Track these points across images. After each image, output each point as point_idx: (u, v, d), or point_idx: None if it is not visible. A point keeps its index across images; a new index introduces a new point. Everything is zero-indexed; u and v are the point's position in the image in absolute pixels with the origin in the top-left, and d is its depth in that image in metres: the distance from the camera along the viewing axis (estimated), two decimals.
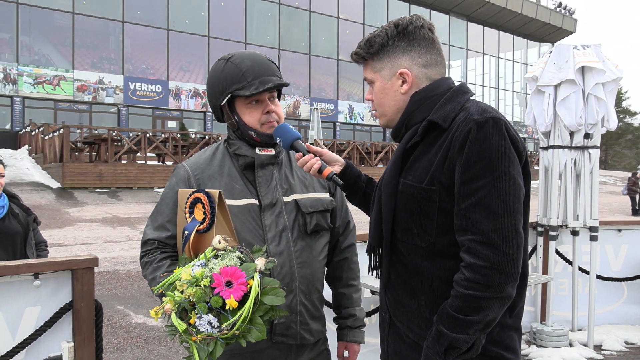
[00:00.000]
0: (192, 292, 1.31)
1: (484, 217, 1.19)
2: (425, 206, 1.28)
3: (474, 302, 1.18)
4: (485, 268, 1.17)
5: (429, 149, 1.31)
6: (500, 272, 1.17)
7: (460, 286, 1.20)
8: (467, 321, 1.19)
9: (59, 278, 2.28)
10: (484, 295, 1.18)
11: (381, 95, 1.40)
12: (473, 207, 1.20)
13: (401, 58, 1.36)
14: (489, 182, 1.19)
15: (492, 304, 1.19)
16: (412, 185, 1.31)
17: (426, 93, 1.35)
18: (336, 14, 33.15)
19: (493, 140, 1.20)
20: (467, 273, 1.19)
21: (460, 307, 1.19)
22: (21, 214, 2.95)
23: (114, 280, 6.85)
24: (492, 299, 1.18)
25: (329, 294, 1.92)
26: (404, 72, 1.35)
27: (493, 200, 1.19)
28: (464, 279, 1.20)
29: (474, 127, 1.21)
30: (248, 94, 1.59)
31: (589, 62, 3.98)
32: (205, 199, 1.48)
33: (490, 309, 1.19)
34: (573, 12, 44.08)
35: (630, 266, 4.71)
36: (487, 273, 1.17)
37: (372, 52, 1.38)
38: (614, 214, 17.47)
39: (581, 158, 4.22)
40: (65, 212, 12.97)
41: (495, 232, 1.18)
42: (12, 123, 23.51)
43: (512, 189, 1.20)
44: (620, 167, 50.65)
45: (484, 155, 1.19)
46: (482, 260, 1.18)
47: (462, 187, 1.22)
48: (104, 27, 26.61)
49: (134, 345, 4.60)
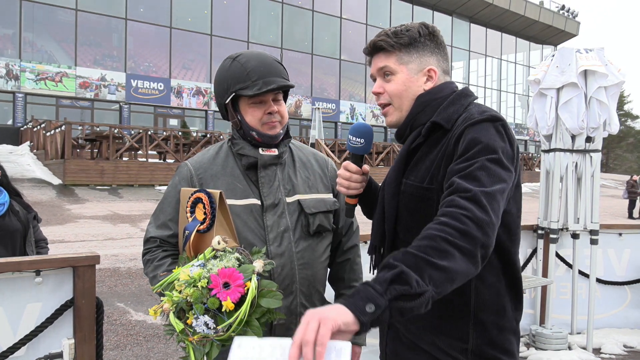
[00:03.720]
0: (190, 292, 1.31)
1: (470, 182, 1.14)
2: (425, 205, 1.29)
3: (440, 244, 1.04)
4: (465, 217, 1.08)
5: (431, 149, 1.32)
6: (479, 227, 1.07)
7: (429, 229, 1.08)
8: (425, 260, 1.02)
9: (60, 275, 2.29)
10: (454, 240, 1.05)
11: (403, 88, 1.38)
12: (461, 178, 1.16)
13: (430, 57, 1.38)
14: (481, 162, 1.16)
15: (456, 255, 1.04)
16: (413, 185, 1.32)
17: (431, 95, 1.37)
18: (339, 14, 33.13)
19: (490, 131, 1.21)
20: (443, 218, 1.09)
21: (423, 246, 1.04)
22: (21, 211, 2.96)
23: (114, 277, 6.86)
24: (461, 249, 1.05)
25: (331, 295, 1.91)
26: (434, 69, 1.37)
27: (483, 175, 1.15)
28: (437, 223, 1.09)
29: (472, 123, 1.23)
30: (251, 93, 1.59)
31: (591, 66, 3.98)
32: (206, 199, 1.49)
33: (453, 260, 1.04)
34: (576, 14, 44.02)
35: (633, 270, 4.72)
36: (466, 222, 1.07)
37: (402, 43, 1.37)
38: (615, 217, 17.45)
39: (582, 161, 4.22)
40: (66, 208, 12.98)
41: (482, 194, 1.12)
42: (14, 119, 23.53)
43: (502, 175, 1.17)
44: (621, 170, 50.58)
45: (480, 141, 1.19)
46: (464, 210, 1.09)
47: (454, 167, 1.20)
48: (107, 24, 26.62)
49: (134, 343, 4.60)
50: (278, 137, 1.68)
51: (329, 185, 1.79)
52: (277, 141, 1.69)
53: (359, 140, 1.45)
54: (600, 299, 4.63)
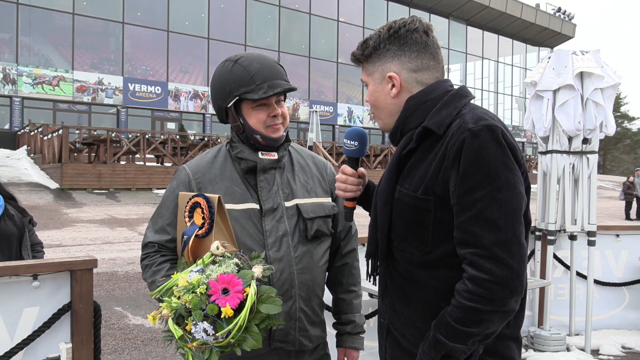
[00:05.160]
0: (189, 298, 1.30)
1: (484, 229, 1.14)
2: (420, 216, 1.25)
3: (475, 315, 1.15)
4: (488, 282, 1.13)
5: (425, 156, 1.27)
6: (504, 286, 1.13)
7: (461, 297, 1.17)
8: (467, 332, 1.16)
9: (57, 279, 2.28)
10: (485, 308, 1.14)
11: (373, 98, 1.39)
12: (473, 220, 1.15)
13: (391, 62, 1.33)
14: (488, 193, 1.14)
15: (493, 318, 1.16)
16: (407, 194, 1.28)
17: (420, 97, 1.31)
18: (336, 16, 33.20)
19: (490, 149, 1.15)
20: (470, 285, 1.15)
21: (461, 318, 1.16)
22: (17, 215, 2.94)
23: (112, 281, 6.84)
24: (494, 312, 1.15)
25: (329, 299, 1.91)
26: (392, 75, 1.32)
27: (494, 212, 1.14)
28: (465, 290, 1.16)
29: (468, 136, 1.16)
30: (257, 97, 1.57)
31: (587, 68, 4.00)
32: (204, 203, 1.48)
33: (491, 322, 1.16)
34: (572, 17, 44.19)
35: (631, 271, 4.73)
36: (490, 287, 1.13)
37: (365, 54, 1.37)
38: (612, 218, 17.48)
39: (579, 163, 4.23)
40: (64, 212, 12.95)
41: (497, 245, 1.13)
42: (11, 123, 23.48)
43: (513, 198, 1.16)
44: (618, 171, 50.67)
45: (481, 165, 1.15)
46: (485, 274, 1.14)
47: (460, 200, 1.17)
48: (104, 28, 26.63)
49: (132, 347, 4.59)
50: (281, 139, 1.68)
51: (327, 189, 1.78)
52: (280, 144, 1.68)
53: (352, 143, 1.48)
54: (598, 300, 4.63)
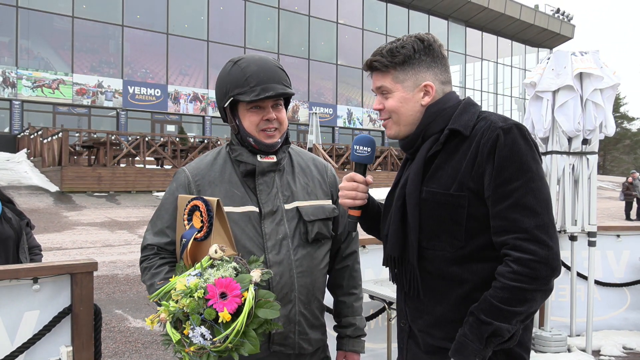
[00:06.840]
0: (186, 303, 1.30)
1: (524, 215, 1.26)
2: (453, 212, 1.32)
3: (520, 294, 1.24)
4: (533, 262, 1.23)
5: (451, 156, 1.36)
6: (547, 265, 1.24)
7: (505, 278, 1.25)
8: (512, 312, 1.25)
9: (58, 282, 2.28)
10: (530, 287, 1.24)
11: (400, 104, 1.41)
12: (512, 208, 1.26)
13: (426, 72, 1.41)
14: (523, 183, 1.26)
15: (537, 296, 1.25)
16: (437, 192, 1.34)
17: (440, 105, 1.41)
18: (335, 19, 33.21)
19: (520, 144, 1.29)
20: (515, 266, 1.24)
21: (506, 299, 1.24)
22: (14, 218, 2.94)
23: (112, 284, 6.83)
24: (537, 291, 1.25)
25: (330, 301, 1.90)
26: (430, 84, 1.40)
27: (530, 200, 1.26)
28: (510, 272, 1.25)
29: (501, 133, 1.29)
30: (248, 99, 1.58)
31: (587, 69, 4.00)
32: (203, 207, 1.47)
33: (534, 301, 1.26)
34: (571, 18, 44.24)
35: (632, 272, 4.72)
36: (535, 267, 1.23)
37: (396, 62, 1.40)
38: (613, 219, 17.47)
39: (579, 164, 4.23)
40: (64, 215, 12.94)
41: (537, 229, 1.25)
42: (10, 126, 23.49)
43: (544, 188, 1.29)
44: (618, 172, 50.65)
45: (514, 159, 1.27)
46: (530, 254, 1.24)
47: (497, 190, 1.28)
48: (104, 31, 26.65)
49: (132, 350, 4.58)
50: (275, 146, 1.66)
51: (328, 191, 1.77)
52: (275, 149, 1.67)
53: (365, 149, 1.49)
54: (600, 301, 4.63)
